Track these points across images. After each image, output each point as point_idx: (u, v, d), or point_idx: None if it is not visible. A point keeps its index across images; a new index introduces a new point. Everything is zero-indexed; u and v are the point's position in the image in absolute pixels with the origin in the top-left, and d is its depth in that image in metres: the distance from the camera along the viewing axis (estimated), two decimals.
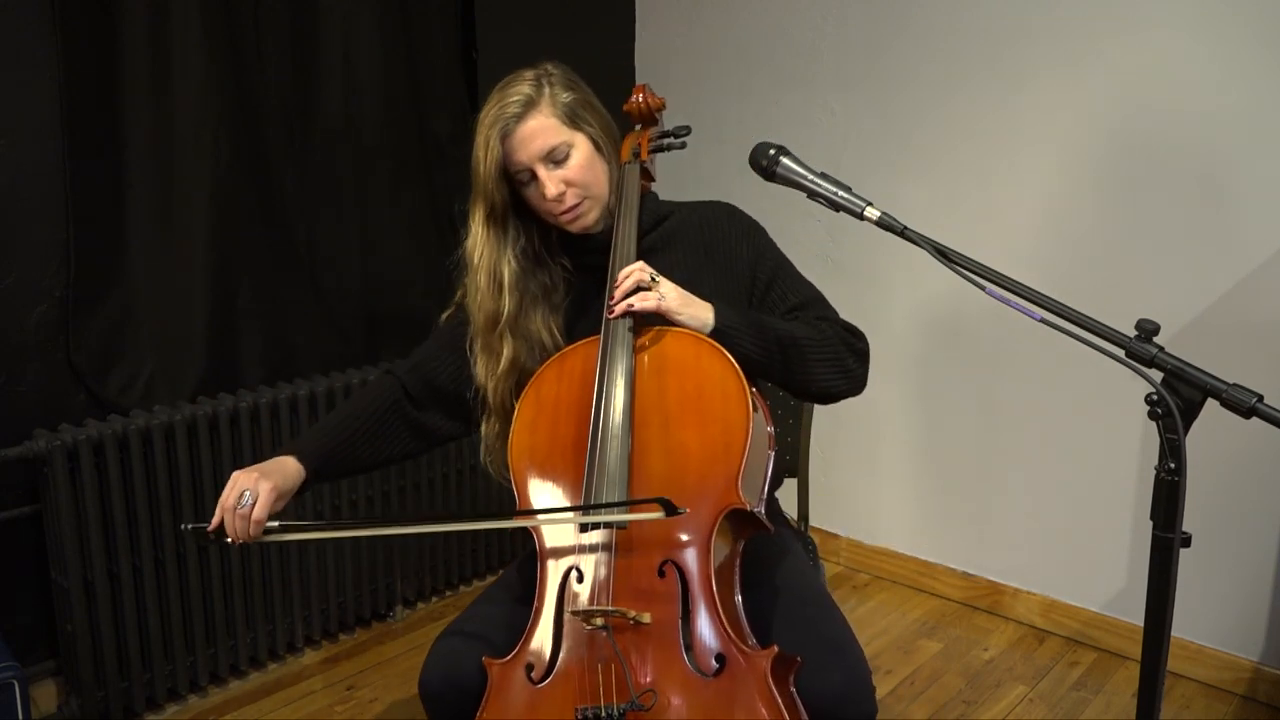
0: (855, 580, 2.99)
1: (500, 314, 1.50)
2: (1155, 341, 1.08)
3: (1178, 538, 1.07)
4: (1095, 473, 2.55)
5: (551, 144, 1.45)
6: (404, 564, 2.70)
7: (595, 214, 1.52)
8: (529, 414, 1.44)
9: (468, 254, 1.53)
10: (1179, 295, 2.36)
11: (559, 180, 1.46)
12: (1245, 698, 2.39)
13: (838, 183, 1.29)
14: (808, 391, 1.50)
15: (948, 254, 1.19)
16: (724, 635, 1.24)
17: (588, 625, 1.26)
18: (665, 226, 1.59)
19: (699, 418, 1.35)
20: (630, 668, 1.23)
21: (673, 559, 1.29)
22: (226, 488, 1.42)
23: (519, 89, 1.46)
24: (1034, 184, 2.55)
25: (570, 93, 1.49)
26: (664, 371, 1.39)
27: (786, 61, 2.95)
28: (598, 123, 1.51)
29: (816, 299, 1.56)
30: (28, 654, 2.19)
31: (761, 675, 1.21)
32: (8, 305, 2.11)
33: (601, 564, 1.30)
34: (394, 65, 2.64)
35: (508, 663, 1.31)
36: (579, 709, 1.22)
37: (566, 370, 1.45)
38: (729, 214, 1.61)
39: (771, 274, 1.56)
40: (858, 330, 1.53)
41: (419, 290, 2.79)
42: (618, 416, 1.35)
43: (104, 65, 2.16)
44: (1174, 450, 1.04)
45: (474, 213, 1.52)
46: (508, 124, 1.44)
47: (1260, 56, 2.20)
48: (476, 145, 1.47)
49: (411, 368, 1.59)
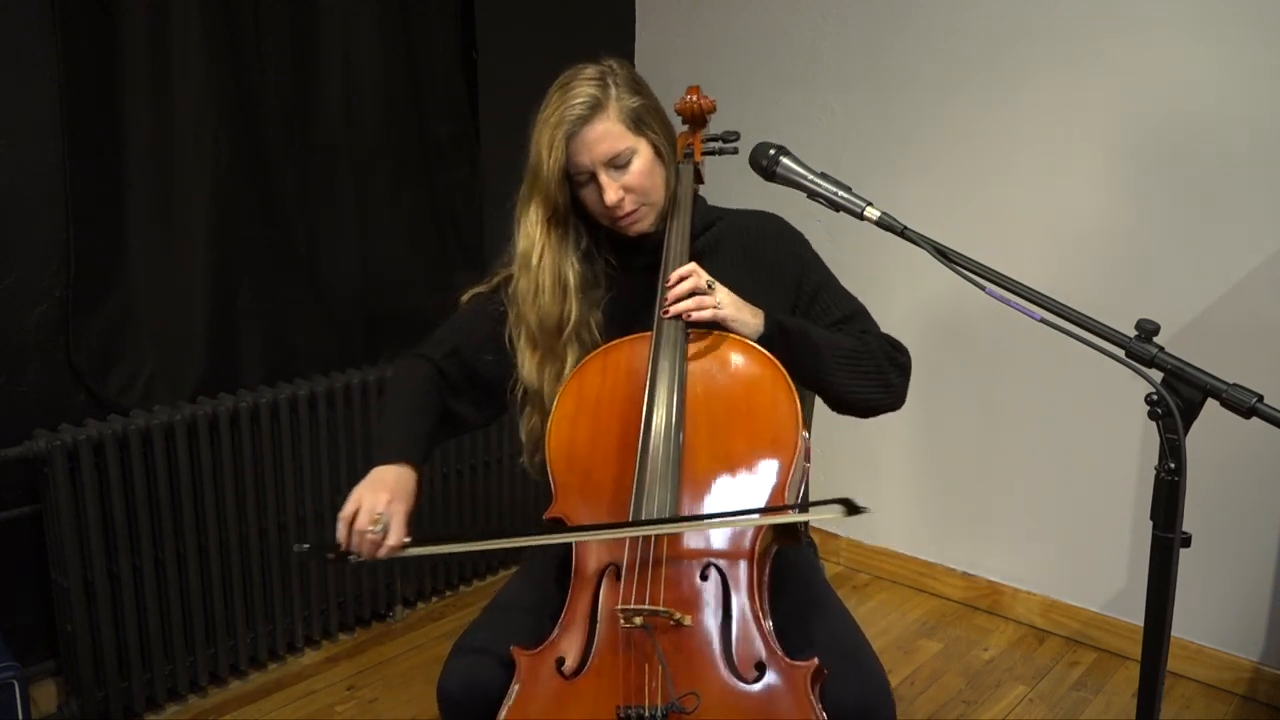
0: (855, 580, 2.99)
1: (567, 320, 1.48)
2: (1155, 341, 1.08)
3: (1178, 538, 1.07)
4: (1095, 473, 2.55)
5: (617, 149, 1.43)
6: (404, 564, 2.70)
7: (650, 220, 1.50)
8: (569, 407, 1.41)
9: (523, 254, 1.49)
10: (1179, 295, 2.36)
11: (619, 186, 1.44)
12: (1245, 698, 2.39)
13: (838, 183, 1.29)
14: (848, 403, 1.49)
15: (948, 254, 1.19)
16: (766, 644, 1.23)
17: (626, 623, 1.24)
18: (714, 231, 1.58)
19: (748, 424, 1.34)
20: (670, 670, 1.22)
21: (716, 563, 1.28)
22: (350, 507, 1.34)
23: (584, 89, 1.43)
24: (1034, 184, 2.55)
25: (637, 97, 1.46)
26: (715, 375, 1.38)
27: (786, 61, 2.95)
28: (660, 129, 1.49)
29: (860, 312, 1.56)
30: (28, 654, 2.19)
31: (803, 687, 1.20)
32: (8, 305, 2.11)
33: (645, 562, 1.28)
34: (394, 65, 2.64)
35: (538, 654, 1.29)
36: (620, 708, 1.20)
37: (611, 365, 1.43)
38: (777, 224, 1.60)
39: (817, 287, 1.56)
40: (901, 345, 1.53)
41: (419, 290, 2.79)
42: (670, 417, 1.33)
43: (104, 65, 2.16)
44: (1174, 450, 1.04)
45: (530, 211, 1.49)
46: (573, 125, 1.42)
47: (1260, 57, 2.20)
48: (538, 144, 1.45)
49: (449, 353, 1.54)
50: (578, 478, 1.38)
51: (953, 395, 2.78)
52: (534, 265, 1.48)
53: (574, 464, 1.38)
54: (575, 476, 1.38)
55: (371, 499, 1.33)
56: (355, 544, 1.32)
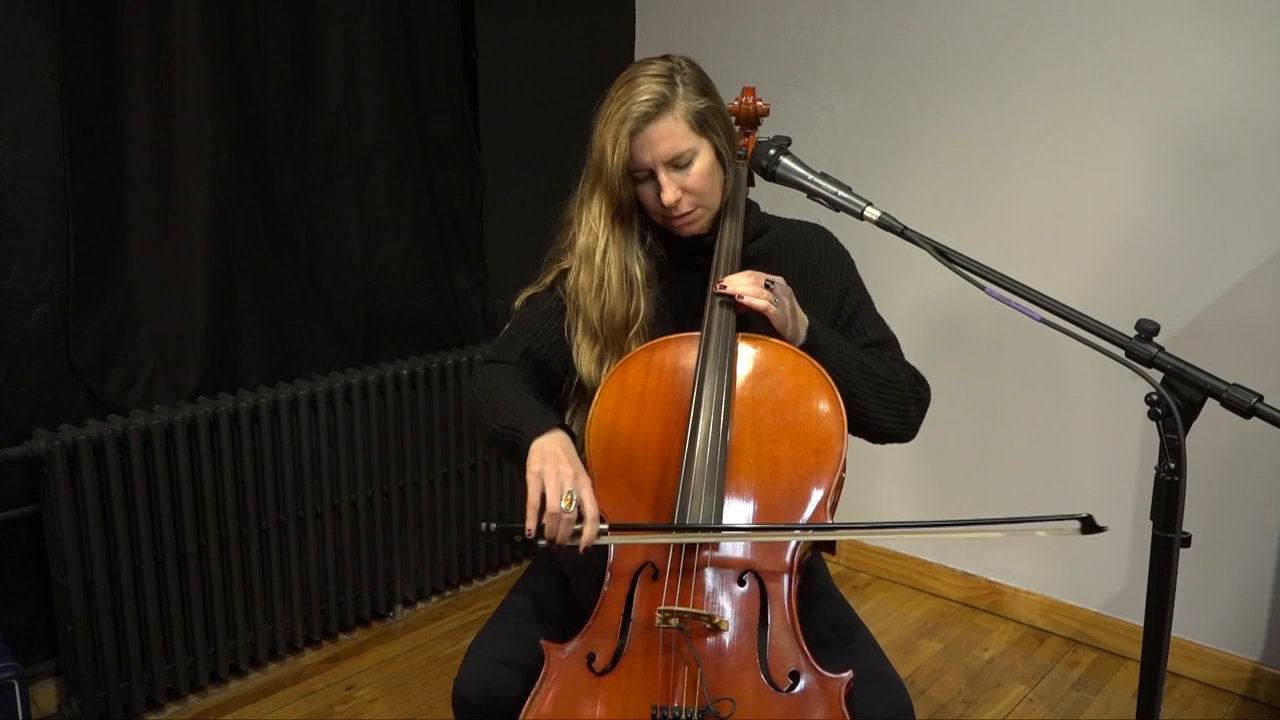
0: (855, 580, 2.99)
1: (635, 316, 1.47)
2: (1155, 341, 1.08)
3: (1178, 538, 1.07)
4: (1095, 473, 2.55)
5: (679, 149, 1.42)
6: (404, 564, 2.70)
7: (704, 222, 1.49)
8: (612, 398, 1.40)
9: (586, 248, 1.48)
10: (1179, 295, 2.36)
11: (677, 187, 1.43)
12: (1245, 698, 2.39)
13: (838, 183, 1.29)
14: (865, 426, 1.48)
15: (948, 254, 1.19)
16: (801, 653, 1.23)
17: (663, 624, 1.23)
18: (765, 239, 1.58)
19: (793, 432, 1.34)
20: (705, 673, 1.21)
21: (755, 569, 1.28)
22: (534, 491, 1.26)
23: (650, 85, 1.41)
24: (1034, 184, 2.55)
25: (704, 98, 1.44)
26: (762, 380, 1.38)
27: (786, 61, 2.95)
28: (724, 131, 1.47)
29: (892, 340, 1.57)
30: (28, 654, 2.19)
31: (836, 699, 1.19)
32: (8, 305, 2.11)
33: (684, 564, 1.28)
34: (394, 65, 2.64)
35: (569, 649, 1.28)
36: (656, 708, 1.20)
37: (656, 362, 1.42)
38: (827, 240, 1.60)
39: (856, 307, 1.56)
40: (925, 381, 1.55)
41: (419, 290, 2.79)
42: (716, 418, 1.33)
43: (104, 65, 2.16)
44: (1174, 450, 1.04)
45: (593, 205, 1.48)
46: (639, 122, 1.40)
47: (1261, 57, 2.20)
48: (602, 139, 1.43)
49: (523, 354, 1.52)
50: (616, 470, 1.37)
51: (953, 395, 2.78)
52: (598, 260, 1.47)
53: (613, 456, 1.37)
54: (614, 469, 1.37)
55: (555, 478, 1.26)
56: (549, 531, 1.26)
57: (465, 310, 2.90)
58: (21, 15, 2.05)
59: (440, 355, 2.74)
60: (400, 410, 2.62)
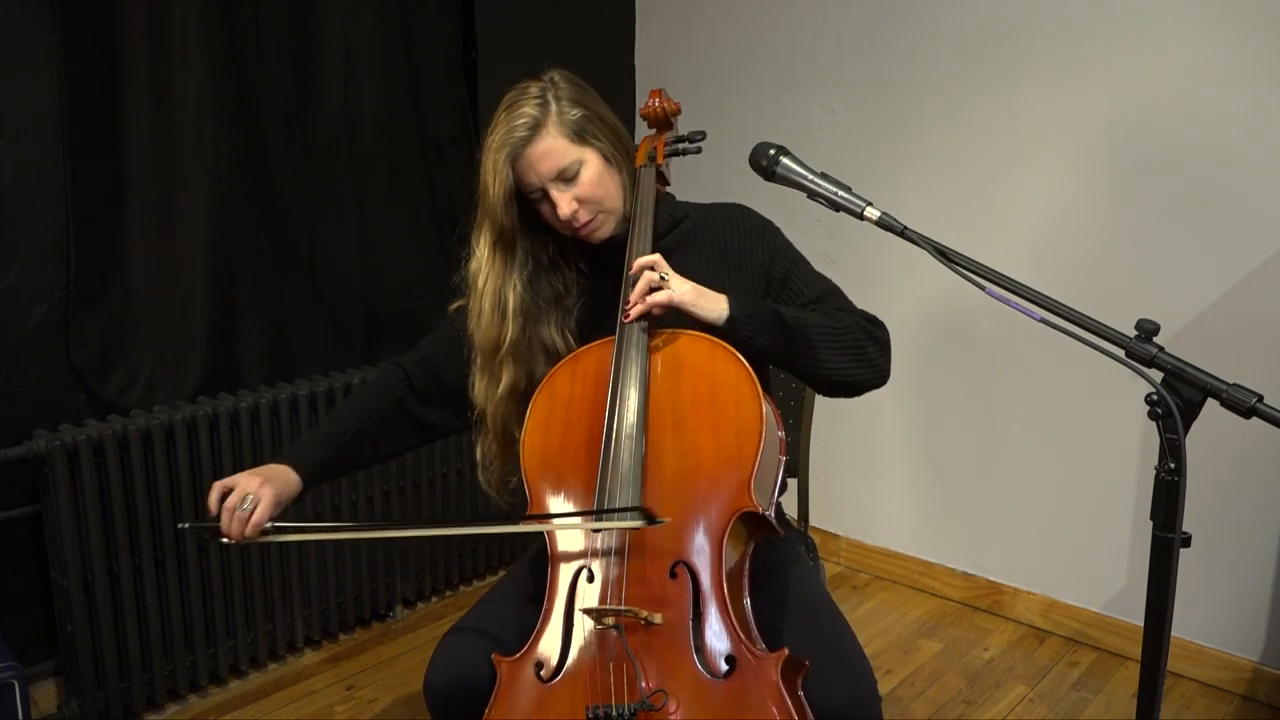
0: (855, 580, 2.99)
1: (503, 340, 1.50)
2: (1155, 341, 1.08)
3: (1178, 538, 1.07)
4: (1095, 473, 2.55)
5: (561, 165, 1.45)
6: (404, 564, 2.70)
7: (610, 226, 1.52)
8: (541, 414, 1.43)
9: (471, 276, 1.54)
10: (1179, 295, 2.36)
11: (571, 199, 1.46)
12: (1245, 698, 2.39)
13: (838, 183, 1.29)
14: (830, 382, 1.47)
15: (948, 254, 1.19)
16: (734, 637, 1.24)
17: (599, 624, 1.26)
18: (681, 229, 1.58)
19: (712, 420, 1.35)
20: (640, 668, 1.23)
21: (684, 560, 1.29)
22: (224, 484, 1.43)
23: (524, 109, 1.45)
24: (1034, 184, 2.55)
25: (577, 108, 1.47)
26: (678, 373, 1.38)
27: (786, 61, 2.95)
28: (606, 136, 1.50)
29: (833, 291, 1.55)
30: (28, 654, 2.19)
31: (772, 678, 1.20)
32: (8, 305, 2.11)
33: (613, 564, 1.30)
34: (394, 65, 2.64)
35: (517, 660, 1.31)
36: (589, 708, 1.22)
37: (580, 371, 1.44)
38: (742, 214, 1.60)
39: (786, 271, 1.55)
40: (877, 319, 1.52)
41: (419, 290, 2.79)
42: (632, 417, 1.34)
43: (104, 65, 2.16)
44: (1174, 450, 1.04)
45: (479, 236, 1.52)
46: (515, 147, 1.44)
47: (1260, 57, 2.20)
48: (484, 169, 1.46)
49: (419, 360, 1.60)
50: (550, 482, 1.39)
51: (953, 395, 2.78)
52: (479, 288, 1.52)
53: (546, 469, 1.40)
54: (548, 481, 1.39)
55: (247, 481, 1.42)
56: (224, 522, 1.41)
57: None
58: (21, 15, 2.05)
59: None
60: None
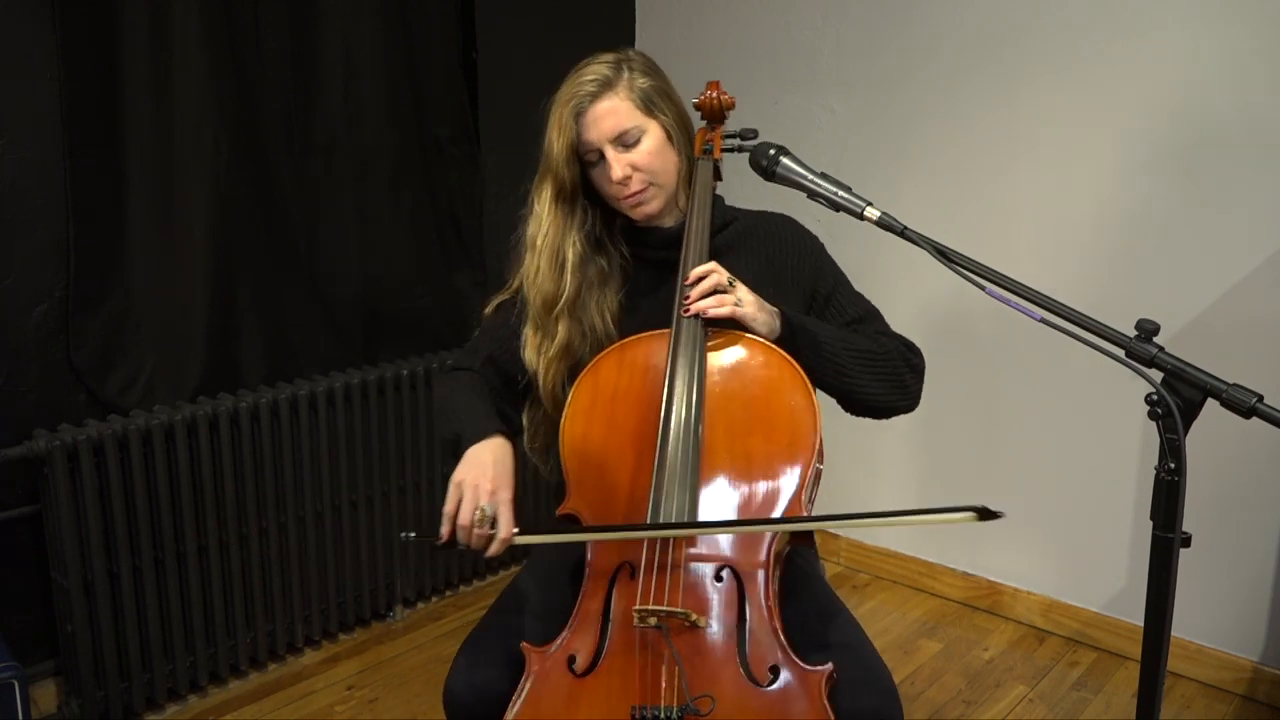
0: (855, 580, 2.99)
1: (560, 295, 1.48)
2: (1155, 341, 1.08)
3: (1178, 538, 1.07)
4: (1095, 473, 2.55)
5: (624, 126, 1.44)
6: (404, 564, 2.70)
7: (659, 203, 1.50)
8: (584, 401, 1.41)
9: (530, 236, 1.51)
10: (1179, 295, 2.36)
11: (626, 164, 1.45)
12: (1245, 698, 2.39)
13: (838, 183, 1.29)
14: (865, 404, 1.49)
15: (948, 254, 1.19)
16: (780, 647, 1.23)
17: (641, 623, 1.23)
18: (730, 230, 1.58)
19: (766, 426, 1.34)
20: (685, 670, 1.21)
21: (732, 565, 1.27)
22: (451, 502, 1.30)
23: (596, 69, 1.45)
24: (1034, 184, 2.55)
25: (648, 78, 1.47)
26: (733, 375, 1.37)
27: (786, 61, 2.95)
28: (673, 113, 1.49)
29: (874, 314, 1.56)
30: (28, 654, 2.19)
31: (816, 692, 1.19)
32: (8, 305, 2.11)
33: (660, 563, 1.28)
34: (394, 65, 2.64)
35: (550, 651, 1.28)
36: (635, 708, 1.19)
37: (628, 361, 1.42)
38: (793, 228, 1.61)
39: (831, 289, 1.56)
40: (915, 347, 1.54)
41: (419, 290, 2.79)
42: (688, 415, 1.33)
43: (104, 65, 2.16)
44: (1174, 450, 1.04)
45: (540, 192, 1.50)
46: (582, 102, 1.43)
47: (1261, 57, 2.20)
48: (550, 123, 1.45)
49: (485, 361, 1.55)
50: (592, 473, 1.37)
51: (953, 395, 2.78)
52: (538, 245, 1.49)
53: (588, 459, 1.37)
54: (589, 472, 1.37)
55: (473, 493, 1.29)
56: (462, 539, 1.29)
57: (465, 310, 2.90)
58: (21, 15, 2.05)
59: (440, 355, 2.74)
60: (400, 410, 2.62)
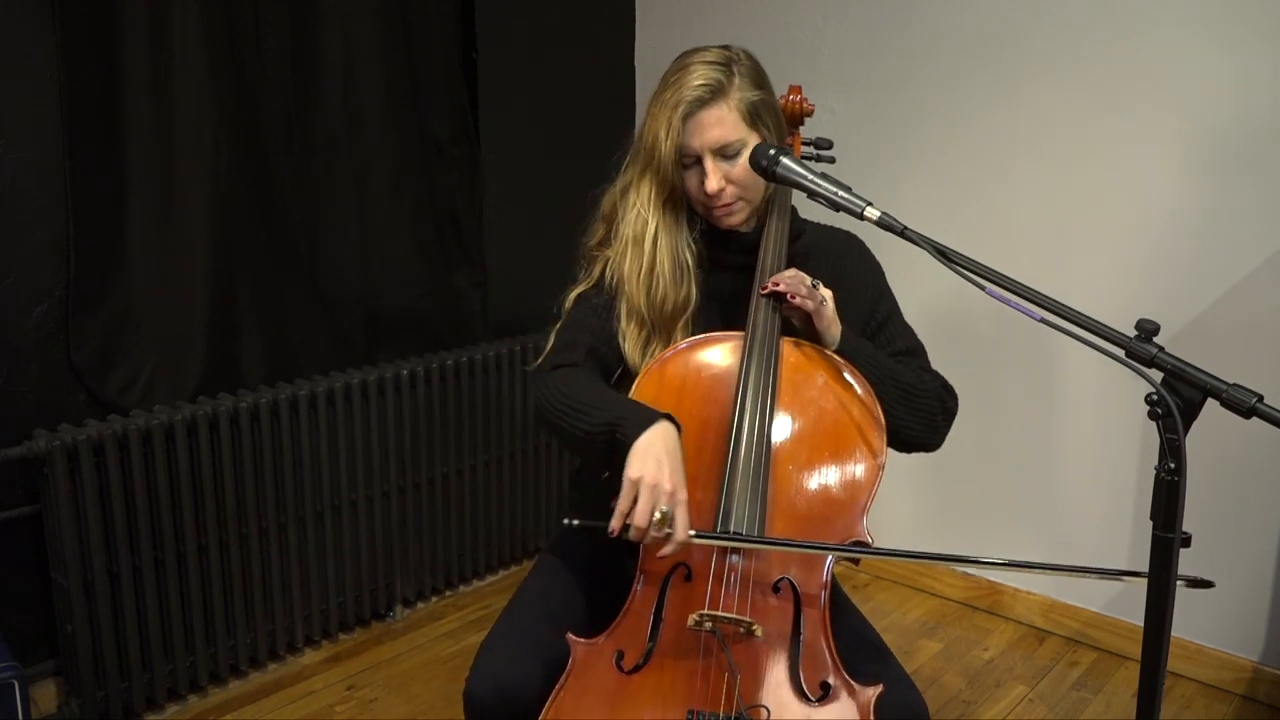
0: (855, 580, 2.99)
1: (687, 303, 1.46)
2: (1155, 341, 1.07)
3: (1178, 538, 1.07)
4: (1095, 473, 2.55)
5: (729, 139, 1.42)
6: (404, 564, 2.70)
7: (744, 215, 1.49)
8: (650, 390, 1.38)
9: (634, 234, 1.46)
10: (1179, 295, 2.36)
11: (722, 176, 1.43)
12: (1245, 698, 2.39)
13: (838, 183, 1.29)
14: (893, 435, 1.46)
15: (948, 254, 1.19)
16: (832, 663, 1.22)
17: (697, 627, 1.22)
18: (803, 241, 1.57)
19: (835, 441, 1.33)
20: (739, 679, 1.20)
21: (791, 577, 1.27)
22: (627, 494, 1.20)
23: (705, 72, 1.41)
24: (1034, 184, 2.55)
25: (758, 91, 1.44)
26: (806, 385, 1.37)
27: (786, 61, 2.95)
28: (774, 127, 1.47)
29: (920, 349, 1.57)
30: (28, 654, 2.19)
31: (865, 711, 1.19)
32: (8, 305, 2.11)
33: (720, 568, 1.27)
34: (394, 65, 2.64)
35: (597, 645, 1.27)
36: (692, 712, 1.19)
37: (696, 358, 1.41)
38: (860, 249, 1.61)
39: (886, 316, 1.57)
40: (953, 391, 1.54)
41: (419, 290, 2.79)
42: (760, 420, 1.31)
43: (104, 65, 2.16)
44: (1174, 450, 1.04)
45: (642, 189, 1.46)
46: (691, 107, 1.40)
47: (1259, 57, 2.20)
48: (655, 122, 1.42)
49: (588, 354, 1.47)
50: None
51: None
52: (647, 244, 1.46)
53: None
54: None
55: (650, 493, 1.19)
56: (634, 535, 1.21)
57: (465, 310, 2.90)
58: (21, 15, 2.05)
59: (440, 355, 2.74)
60: (400, 410, 2.61)
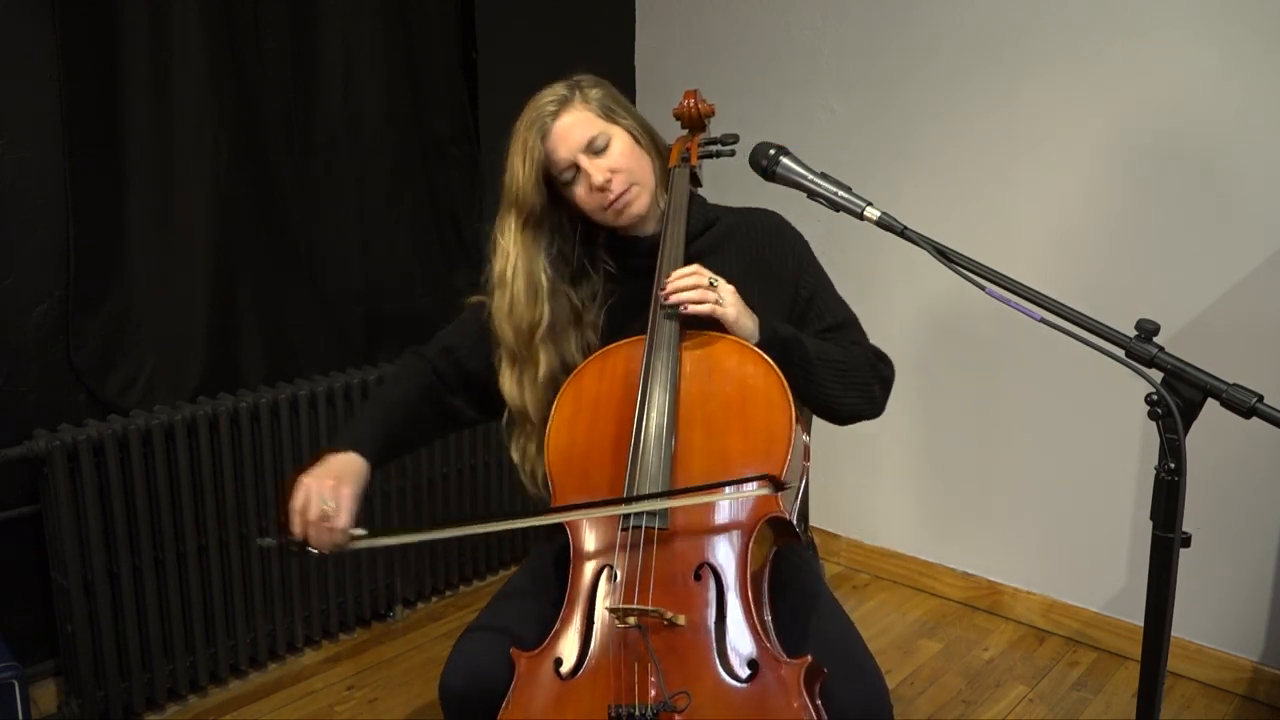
0: (855, 580, 2.99)
1: (539, 321, 1.50)
2: (1155, 341, 1.08)
3: (1178, 538, 1.07)
4: (1095, 473, 2.55)
5: (590, 134, 1.47)
6: (404, 564, 2.70)
7: (644, 202, 1.51)
8: (568, 411, 1.43)
9: (498, 273, 1.52)
10: (1179, 295, 2.36)
11: (604, 168, 1.47)
12: (1245, 698, 2.39)
13: (838, 183, 1.29)
14: (830, 410, 1.52)
15: (948, 254, 1.19)
16: (758, 642, 1.23)
17: (620, 623, 1.24)
18: (714, 231, 1.59)
19: (742, 423, 1.34)
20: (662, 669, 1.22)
21: (710, 562, 1.28)
22: (298, 496, 1.37)
23: (551, 92, 1.50)
24: (1034, 184, 2.55)
25: (599, 89, 1.52)
26: (709, 375, 1.38)
27: (786, 61, 2.95)
28: (632, 116, 1.53)
29: (851, 322, 1.59)
30: (28, 654, 2.19)
31: (794, 684, 1.20)
32: (8, 305, 2.11)
33: (638, 563, 1.29)
34: (394, 65, 2.64)
35: (536, 655, 1.29)
36: (612, 707, 1.20)
37: (608, 368, 1.44)
38: (777, 222, 1.62)
39: (812, 291, 1.57)
40: (886, 358, 1.56)
41: (419, 290, 2.79)
42: (661, 417, 1.34)
43: (104, 65, 2.16)
44: (1174, 450, 1.04)
45: (505, 225, 1.51)
46: (545, 122, 1.47)
47: (1261, 57, 2.20)
48: (513, 153, 1.48)
49: (443, 351, 1.59)
50: (575, 479, 1.38)
51: (953, 395, 2.78)
52: (508, 277, 1.51)
53: (571, 466, 1.39)
54: (573, 478, 1.39)
55: (318, 486, 1.37)
56: (312, 536, 1.36)
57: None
58: (21, 15, 2.05)
59: None
60: None
